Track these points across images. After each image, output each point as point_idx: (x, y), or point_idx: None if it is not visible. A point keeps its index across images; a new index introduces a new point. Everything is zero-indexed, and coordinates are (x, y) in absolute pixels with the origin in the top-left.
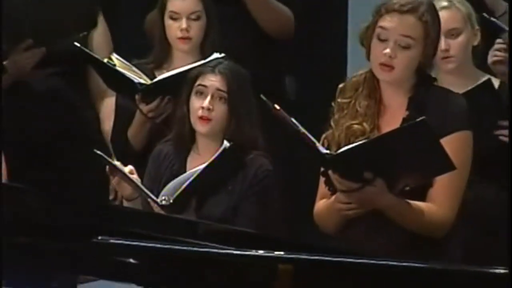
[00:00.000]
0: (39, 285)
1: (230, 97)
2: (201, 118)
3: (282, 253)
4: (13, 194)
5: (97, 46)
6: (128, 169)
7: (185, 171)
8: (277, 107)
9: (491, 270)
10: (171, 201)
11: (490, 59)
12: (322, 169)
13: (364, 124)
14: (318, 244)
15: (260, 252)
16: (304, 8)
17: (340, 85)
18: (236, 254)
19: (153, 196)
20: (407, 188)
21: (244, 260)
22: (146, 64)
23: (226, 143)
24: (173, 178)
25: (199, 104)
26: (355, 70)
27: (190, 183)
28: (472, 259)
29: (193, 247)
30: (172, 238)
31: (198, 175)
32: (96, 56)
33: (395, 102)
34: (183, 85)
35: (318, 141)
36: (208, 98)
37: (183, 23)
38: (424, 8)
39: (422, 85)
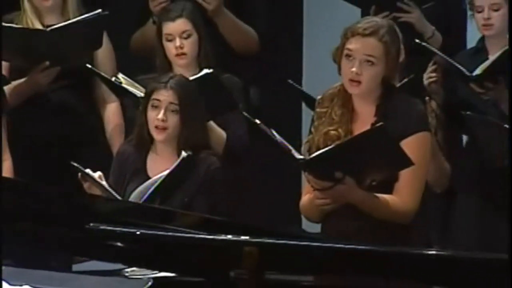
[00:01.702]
0: (40, 264)
1: (181, 109)
2: (157, 127)
3: (247, 237)
4: (19, 188)
5: (101, 62)
6: (97, 174)
7: (145, 168)
8: (258, 121)
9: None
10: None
11: (426, 81)
12: None
13: (339, 130)
14: (279, 229)
15: (229, 236)
16: (266, 28)
17: (318, 97)
18: (208, 238)
19: (119, 198)
20: (374, 183)
21: (215, 243)
22: (152, 79)
23: (184, 153)
24: (136, 175)
25: (154, 116)
26: (309, 80)
27: (154, 189)
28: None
29: (170, 232)
30: (152, 224)
31: (161, 182)
32: (106, 75)
33: (365, 110)
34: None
35: (300, 144)
36: (162, 111)
37: (177, 42)
38: (384, 31)
39: (387, 95)
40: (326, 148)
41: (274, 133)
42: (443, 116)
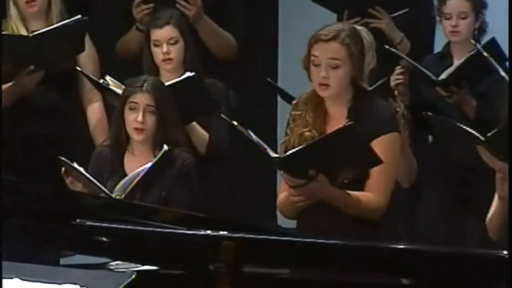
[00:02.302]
0: (29, 258)
1: (157, 110)
2: (136, 129)
3: (225, 232)
4: (9, 185)
5: (83, 64)
6: (82, 169)
7: (123, 168)
8: (235, 122)
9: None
10: (123, 196)
11: (393, 82)
12: None
13: (313, 131)
14: (255, 225)
15: (208, 231)
16: (243, 34)
17: (294, 101)
18: (188, 233)
19: (107, 191)
20: (346, 181)
21: (194, 238)
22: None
23: (165, 147)
24: (114, 173)
25: (133, 118)
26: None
27: (137, 181)
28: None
29: (152, 228)
30: (135, 220)
31: (144, 174)
32: (95, 78)
33: (338, 112)
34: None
35: (276, 145)
36: (141, 113)
37: (164, 48)
38: (344, 34)
39: (358, 97)
40: (299, 147)
41: (251, 133)
42: (410, 116)
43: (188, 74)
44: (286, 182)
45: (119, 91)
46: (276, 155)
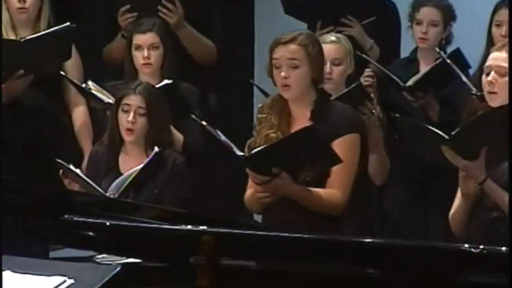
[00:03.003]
0: (20, 251)
1: (148, 112)
2: (127, 130)
3: (205, 227)
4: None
5: (68, 70)
6: (78, 171)
7: (118, 167)
8: (204, 123)
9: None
10: (116, 195)
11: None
12: None
13: (278, 132)
14: (233, 220)
15: (189, 226)
16: (224, 41)
17: (259, 105)
18: (170, 228)
19: (101, 191)
20: (308, 179)
21: (176, 232)
22: (119, 85)
23: (156, 149)
24: (109, 172)
25: (125, 119)
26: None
27: (130, 181)
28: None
29: (137, 223)
30: (120, 216)
31: (137, 174)
32: (78, 82)
33: (301, 115)
34: None
35: (243, 145)
36: (132, 113)
37: (145, 53)
38: (302, 37)
39: (320, 100)
40: (263, 146)
41: (219, 133)
42: (383, 115)
43: (166, 81)
44: (252, 178)
45: (101, 96)
46: (242, 154)
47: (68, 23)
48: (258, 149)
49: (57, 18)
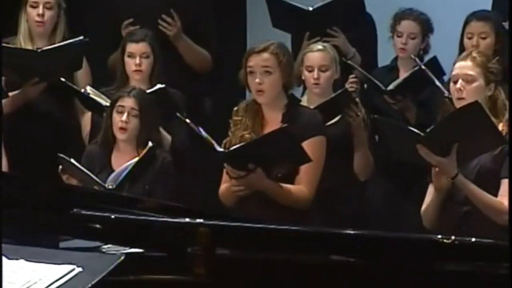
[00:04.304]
0: (33, 242)
1: (140, 113)
2: (120, 128)
3: (201, 220)
4: (18, 181)
5: (79, 78)
6: (80, 166)
7: (110, 164)
8: (188, 121)
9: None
10: (114, 186)
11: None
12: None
13: (252, 133)
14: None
15: (186, 219)
16: (217, 51)
17: (235, 108)
18: (170, 221)
19: (102, 183)
20: (279, 175)
21: (175, 225)
22: (112, 90)
23: (150, 143)
24: (103, 169)
25: (119, 119)
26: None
27: (127, 173)
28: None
29: (139, 216)
30: (124, 210)
31: (132, 168)
32: (77, 88)
33: (273, 118)
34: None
35: (221, 141)
36: (125, 114)
37: (137, 60)
38: (273, 46)
39: (291, 105)
40: (241, 144)
41: (201, 130)
42: (367, 117)
43: (159, 85)
44: (228, 173)
45: (98, 99)
46: (222, 150)
47: (81, 37)
48: (236, 146)
49: (71, 31)
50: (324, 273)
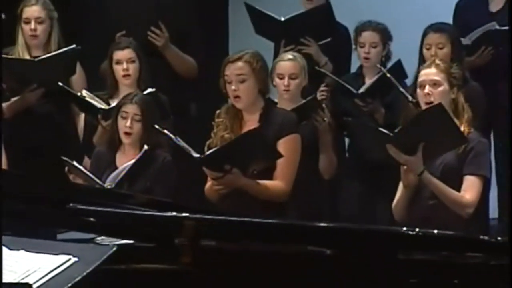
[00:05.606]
0: (33, 234)
1: (142, 118)
2: (125, 133)
3: (187, 214)
4: (16, 178)
5: (74, 82)
6: (82, 167)
7: (115, 164)
8: (166, 131)
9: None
10: (113, 185)
11: (319, 97)
12: None
13: (231, 134)
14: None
15: (173, 213)
16: (204, 58)
17: (217, 111)
18: (158, 215)
19: (101, 183)
20: (255, 172)
21: (163, 218)
22: (103, 95)
23: (145, 147)
24: (110, 167)
25: (123, 124)
26: None
27: (125, 173)
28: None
29: (130, 210)
30: (116, 204)
31: (130, 168)
32: (73, 91)
33: (251, 119)
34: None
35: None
36: (129, 120)
37: (124, 65)
38: (247, 55)
39: (267, 107)
40: (216, 148)
41: (178, 138)
42: (333, 121)
43: (150, 89)
44: (208, 175)
45: (93, 102)
46: (198, 155)
47: (74, 46)
48: (211, 151)
49: (65, 40)
50: (300, 262)
